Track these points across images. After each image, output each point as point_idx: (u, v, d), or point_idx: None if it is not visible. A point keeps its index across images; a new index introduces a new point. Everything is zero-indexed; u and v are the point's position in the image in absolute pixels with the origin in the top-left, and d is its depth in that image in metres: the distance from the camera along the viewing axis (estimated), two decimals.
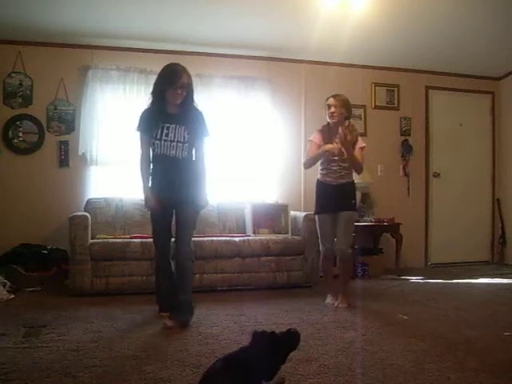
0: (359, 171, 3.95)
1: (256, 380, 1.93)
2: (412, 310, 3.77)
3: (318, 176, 3.99)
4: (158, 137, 3.22)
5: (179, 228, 3.32)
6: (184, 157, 3.28)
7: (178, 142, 3.23)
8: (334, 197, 3.84)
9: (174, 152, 3.23)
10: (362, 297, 4.33)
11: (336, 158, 3.79)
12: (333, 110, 3.82)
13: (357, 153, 3.83)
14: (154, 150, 3.27)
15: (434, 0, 4.48)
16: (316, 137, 3.94)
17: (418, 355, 2.67)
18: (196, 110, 3.33)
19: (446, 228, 6.32)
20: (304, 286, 4.74)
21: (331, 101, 3.85)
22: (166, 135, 3.21)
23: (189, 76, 3.24)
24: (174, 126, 3.22)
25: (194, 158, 3.36)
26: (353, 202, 3.93)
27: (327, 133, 3.89)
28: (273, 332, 2.00)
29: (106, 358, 2.58)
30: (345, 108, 3.86)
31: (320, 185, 3.96)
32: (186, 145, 3.27)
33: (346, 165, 3.85)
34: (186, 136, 3.25)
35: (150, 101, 3.30)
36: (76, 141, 5.11)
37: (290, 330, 2.05)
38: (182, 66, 3.24)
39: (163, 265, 3.46)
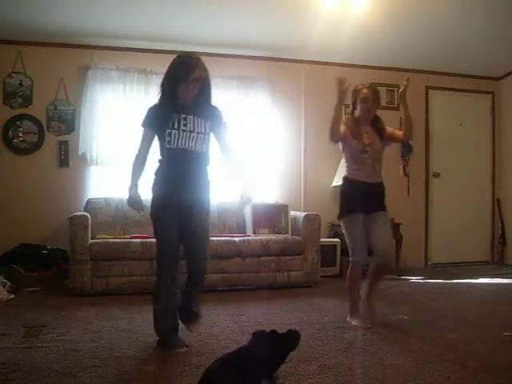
0: (411, 134, 3.48)
1: (255, 379, 1.93)
2: (412, 310, 3.77)
3: (347, 173, 3.43)
4: (176, 126, 2.78)
5: (194, 236, 2.83)
6: (203, 151, 2.87)
7: (198, 133, 2.82)
8: (368, 196, 3.28)
9: (192, 145, 2.80)
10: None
11: (368, 148, 3.30)
12: (370, 105, 3.35)
13: (391, 130, 3.48)
14: (168, 143, 2.79)
15: (433, 0, 4.48)
16: (341, 127, 3.39)
17: (417, 355, 2.67)
18: (212, 105, 2.94)
19: (446, 228, 6.31)
20: (304, 285, 4.73)
21: (368, 93, 3.34)
22: (185, 125, 2.79)
23: (203, 69, 2.83)
24: (191, 116, 2.81)
25: (210, 154, 2.94)
26: (385, 204, 3.42)
27: (354, 125, 3.37)
28: (273, 330, 1.99)
29: (106, 358, 2.58)
30: (379, 101, 3.46)
31: (350, 183, 3.38)
32: (207, 137, 2.87)
33: (378, 156, 3.38)
34: (207, 127, 2.86)
35: (160, 95, 2.88)
36: (76, 141, 5.11)
37: (290, 329, 2.05)
38: (196, 58, 2.82)
39: (169, 287, 2.82)
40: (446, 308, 3.87)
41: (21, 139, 5.06)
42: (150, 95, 5.10)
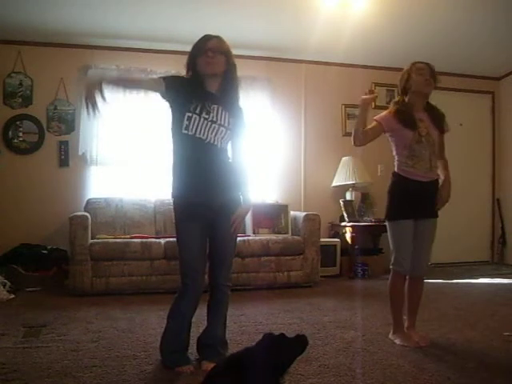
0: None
1: (259, 380, 1.91)
2: None
3: (398, 169, 2.96)
4: (198, 111, 2.45)
5: (220, 246, 2.55)
6: (223, 147, 2.53)
7: (220, 125, 2.48)
8: (422, 199, 2.91)
9: (212, 136, 2.45)
10: (362, 297, 4.34)
11: (423, 139, 2.89)
12: (428, 77, 3.06)
13: (442, 144, 3.05)
14: (186, 128, 2.44)
15: (434, 0, 4.48)
16: (386, 118, 2.94)
17: (418, 355, 2.67)
18: (239, 105, 2.70)
19: (446, 228, 6.29)
20: (304, 285, 4.73)
21: (424, 66, 3.09)
22: (207, 113, 2.46)
23: (224, 43, 2.55)
24: (216, 106, 2.50)
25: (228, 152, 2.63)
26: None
27: (406, 111, 2.95)
28: (282, 334, 1.97)
29: (106, 358, 2.58)
30: (436, 78, 3.14)
31: (402, 182, 2.92)
32: (229, 132, 2.53)
33: (435, 149, 2.94)
34: (230, 122, 2.54)
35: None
36: (76, 141, 5.11)
37: (298, 334, 2.03)
38: (215, 35, 2.55)
39: (190, 303, 2.51)
40: (446, 308, 3.86)
41: (21, 139, 5.06)
42: (149, 95, 5.09)
